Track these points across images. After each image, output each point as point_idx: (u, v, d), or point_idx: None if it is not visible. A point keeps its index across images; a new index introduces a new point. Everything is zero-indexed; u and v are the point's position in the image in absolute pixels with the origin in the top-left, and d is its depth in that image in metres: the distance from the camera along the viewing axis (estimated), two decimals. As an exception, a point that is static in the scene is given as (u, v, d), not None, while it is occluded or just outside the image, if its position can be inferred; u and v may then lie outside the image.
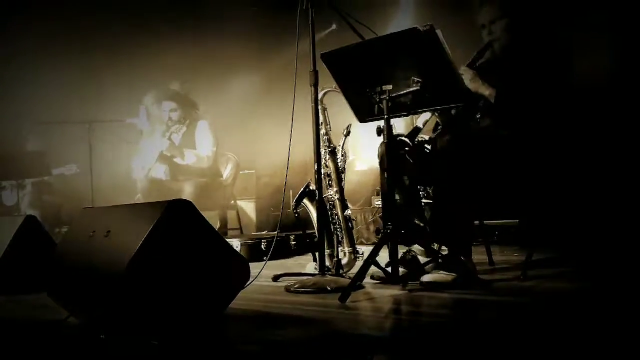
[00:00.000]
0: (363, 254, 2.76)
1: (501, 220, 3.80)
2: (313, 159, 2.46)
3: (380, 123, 2.26)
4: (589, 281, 2.33)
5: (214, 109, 5.08)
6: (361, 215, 4.66)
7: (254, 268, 2.11)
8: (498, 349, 1.42)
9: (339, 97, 2.50)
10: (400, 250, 2.38)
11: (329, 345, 1.54)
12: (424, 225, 2.56)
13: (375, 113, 2.28)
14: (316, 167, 2.46)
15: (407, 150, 2.54)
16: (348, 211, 2.80)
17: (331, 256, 2.72)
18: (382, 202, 2.50)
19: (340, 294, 2.08)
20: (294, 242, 4.12)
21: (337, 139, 2.84)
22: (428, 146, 2.57)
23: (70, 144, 5.32)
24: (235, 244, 3.79)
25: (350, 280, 2.23)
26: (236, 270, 1.88)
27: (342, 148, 2.84)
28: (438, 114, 2.60)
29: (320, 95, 2.65)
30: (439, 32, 2.07)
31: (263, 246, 3.83)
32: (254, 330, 1.77)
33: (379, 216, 4.48)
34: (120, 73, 5.39)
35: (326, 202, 2.75)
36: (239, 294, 1.93)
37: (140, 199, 4.24)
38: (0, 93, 5.07)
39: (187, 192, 4.11)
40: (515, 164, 2.37)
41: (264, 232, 5.05)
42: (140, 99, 5.02)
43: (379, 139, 2.31)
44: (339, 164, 2.80)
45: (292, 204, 2.88)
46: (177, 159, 4.34)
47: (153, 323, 1.67)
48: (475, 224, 2.69)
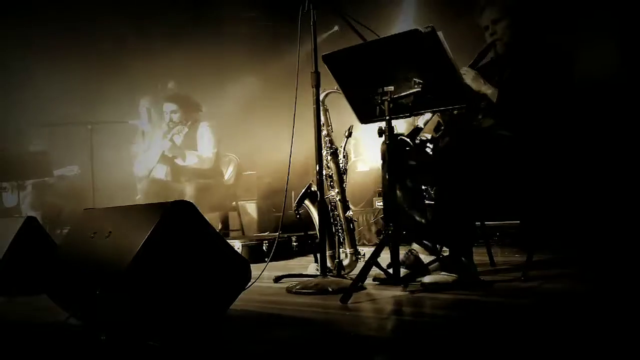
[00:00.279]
0: (364, 255, 2.76)
1: (502, 221, 3.80)
2: (314, 160, 2.46)
3: (382, 124, 2.26)
4: (590, 282, 2.33)
5: (216, 110, 5.09)
6: (363, 216, 4.66)
7: (255, 269, 2.11)
8: (499, 350, 1.42)
9: (341, 99, 2.50)
10: (402, 250, 2.38)
11: (331, 347, 1.54)
12: (425, 226, 2.55)
13: (377, 114, 2.28)
14: (318, 168, 2.46)
15: (409, 151, 2.54)
16: (349, 212, 2.80)
17: (333, 257, 2.72)
18: (384, 203, 2.50)
19: (341, 295, 2.08)
20: (295, 244, 4.12)
21: (339, 140, 2.84)
22: (430, 145, 2.57)
23: (72, 145, 5.33)
24: (237, 245, 3.79)
25: (351, 281, 2.23)
26: (237, 272, 1.88)
27: (344, 149, 2.83)
28: (439, 114, 2.60)
29: (322, 96, 2.65)
30: (440, 34, 2.07)
31: (264, 247, 3.83)
32: (255, 331, 1.77)
33: (381, 217, 4.48)
34: (121, 75, 5.39)
35: (328, 203, 2.75)
36: (241, 295, 1.93)
37: (141, 200, 4.24)
38: (1, 95, 5.08)
39: (189, 193, 4.11)
40: (516, 165, 2.37)
41: (266, 234, 5.05)
42: (141, 101, 5.03)
43: (381, 140, 2.31)
44: (341, 165, 2.80)
45: (294, 205, 2.87)
46: (179, 160, 4.34)
47: (154, 324, 1.67)
48: (476, 224, 2.69)
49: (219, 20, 5.67)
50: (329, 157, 2.77)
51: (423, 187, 2.70)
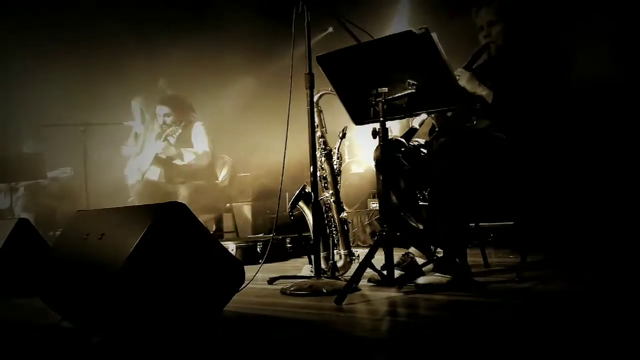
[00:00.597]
0: (359, 256, 2.75)
1: (496, 222, 3.81)
2: (309, 162, 2.46)
3: (376, 125, 2.26)
4: (584, 283, 2.33)
5: (210, 111, 5.08)
6: (357, 217, 4.66)
7: (250, 271, 2.10)
8: (494, 351, 1.42)
9: (335, 100, 2.50)
10: (399, 253, 2.38)
11: (325, 348, 1.54)
12: (420, 227, 2.55)
13: (371, 116, 2.28)
14: (312, 170, 2.46)
15: (403, 153, 2.54)
16: (344, 214, 2.80)
17: (327, 259, 2.71)
18: (379, 205, 2.50)
19: (336, 296, 2.08)
20: (289, 245, 4.11)
21: (333, 141, 2.84)
22: (424, 150, 2.58)
23: (65, 146, 5.30)
24: (231, 247, 3.78)
25: (346, 282, 2.22)
26: (231, 273, 1.88)
27: (338, 150, 2.83)
28: (434, 115, 2.60)
29: (315, 97, 2.65)
30: (434, 35, 2.07)
31: (259, 249, 3.82)
32: (250, 333, 1.76)
33: (375, 219, 4.48)
34: (115, 76, 5.37)
35: (322, 205, 2.75)
36: (235, 297, 1.92)
37: (134, 201, 4.23)
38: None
39: (183, 195, 4.10)
40: (510, 166, 2.38)
41: (260, 235, 5.04)
42: (135, 102, 5.01)
43: (375, 142, 2.31)
44: (335, 166, 2.80)
45: (288, 206, 2.87)
46: (177, 161, 4.32)
47: (147, 326, 1.66)
48: (470, 226, 2.69)
49: (215, 21, 5.66)
50: (323, 159, 2.77)
51: (417, 189, 2.70)
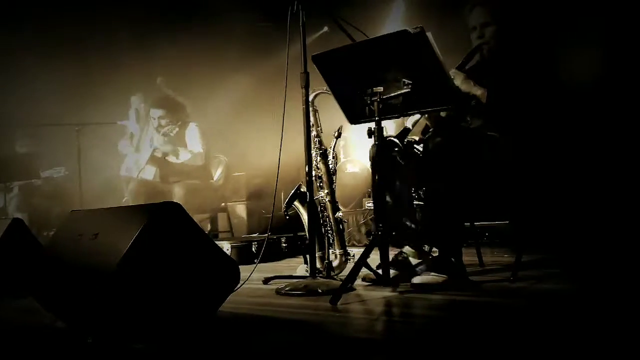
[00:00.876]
0: (354, 256, 2.75)
1: (491, 221, 3.82)
2: (304, 161, 2.45)
3: (371, 125, 2.25)
4: (579, 282, 2.34)
5: (205, 111, 5.06)
6: (353, 217, 4.66)
7: (245, 271, 2.09)
8: (489, 350, 1.42)
9: (330, 99, 2.50)
10: (393, 252, 2.37)
11: (320, 348, 1.53)
12: (415, 226, 2.55)
13: (367, 115, 2.27)
14: (307, 169, 2.46)
15: (398, 152, 2.54)
16: (339, 213, 2.80)
17: (322, 258, 2.71)
18: (374, 204, 2.50)
19: (331, 296, 2.07)
20: (285, 245, 4.11)
21: (328, 141, 2.83)
22: (418, 146, 2.57)
23: (59, 146, 5.27)
24: (226, 246, 3.77)
25: (341, 282, 2.22)
26: (226, 273, 1.87)
27: (333, 150, 2.83)
28: (428, 115, 2.60)
29: (311, 97, 2.65)
30: (429, 35, 2.07)
31: (254, 249, 3.81)
32: (244, 333, 1.75)
33: (370, 218, 4.47)
34: (110, 75, 5.35)
35: (317, 204, 2.75)
36: (230, 297, 1.92)
37: (129, 201, 4.21)
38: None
39: (178, 195, 4.08)
40: (505, 166, 2.38)
41: (255, 235, 5.03)
42: (130, 102, 4.99)
43: (371, 141, 2.31)
44: (330, 165, 2.80)
45: (283, 206, 2.87)
46: (171, 158, 4.30)
47: (142, 326, 1.65)
48: (465, 225, 2.69)
49: (210, 20, 5.65)
50: (319, 158, 2.76)
51: (412, 188, 2.70)
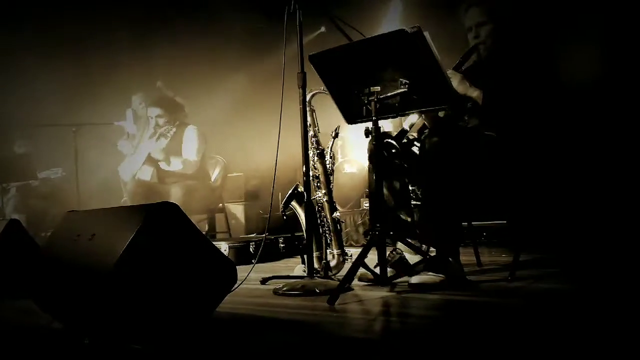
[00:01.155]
0: (352, 256, 2.75)
1: (489, 221, 3.82)
2: (301, 161, 2.45)
3: (369, 125, 2.25)
4: (577, 282, 2.34)
5: (202, 111, 5.06)
6: (350, 217, 4.66)
7: (242, 271, 2.09)
8: (486, 350, 1.42)
9: (328, 99, 2.50)
10: (388, 250, 2.37)
11: (318, 348, 1.53)
12: (411, 220, 2.55)
13: (364, 115, 2.27)
14: (304, 170, 2.45)
15: (396, 152, 2.54)
16: (337, 213, 2.79)
17: (320, 258, 2.71)
18: (370, 204, 2.50)
19: (328, 296, 2.07)
20: (282, 245, 4.10)
21: (326, 141, 2.83)
22: (416, 144, 2.57)
23: (56, 147, 5.26)
24: (224, 247, 3.77)
25: (339, 282, 2.22)
26: (223, 273, 1.86)
27: (331, 150, 2.83)
28: (425, 116, 2.60)
29: (308, 97, 2.64)
30: (426, 34, 2.07)
31: (252, 249, 3.81)
32: (242, 334, 1.75)
33: (368, 218, 4.47)
34: (107, 76, 5.34)
35: (315, 205, 2.74)
36: (227, 297, 1.91)
37: (127, 202, 4.21)
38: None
39: (175, 195, 4.08)
40: (502, 165, 2.38)
41: (253, 235, 5.03)
42: (127, 102, 4.99)
43: (367, 141, 2.31)
44: (328, 166, 2.79)
45: (281, 206, 2.86)
46: (163, 165, 4.31)
47: (138, 327, 1.65)
48: (463, 225, 2.69)
49: (208, 20, 5.65)
50: (316, 158, 2.76)
51: (410, 188, 2.70)
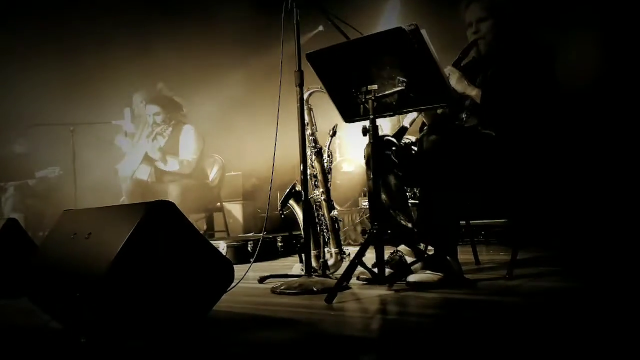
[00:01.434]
0: (350, 254, 2.75)
1: (487, 220, 3.82)
2: (299, 160, 2.44)
3: (366, 123, 2.25)
4: (575, 280, 2.34)
5: (200, 110, 5.06)
6: (349, 216, 4.66)
7: (241, 270, 2.08)
8: (485, 348, 1.41)
9: (325, 98, 2.49)
10: (388, 251, 2.37)
11: (315, 347, 1.53)
12: (411, 225, 2.55)
13: (361, 113, 2.27)
14: (302, 168, 2.45)
15: (394, 151, 2.53)
16: (334, 212, 2.79)
17: (318, 257, 2.70)
18: (369, 203, 2.49)
19: (326, 295, 2.07)
20: (280, 244, 4.10)
21: (324, 139, 2.83)
22: (415, 147, 2.57)
23: (54, 146, 5.26)
24: (222, 246, 3.76)
25: (336, 281, 2.22)
26: (220, 272, 1.86)
27: (328, 148, 2.83)
28: (424, 113, 2.60)
29: (305, 95, 2.64)
30: (423, 32, 2.06)
31: (249, 248, 3.80)
32: (239, 332, 1.75)
33: (366, 217, 4.47)
34: (104, 75, 5.34)
35: (313, 203, 2.74)
36: (225, 296, 1.91)
37: (125, 201, 4.20)
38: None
39: (173, 194, 4.08)
40: (501, 164, 2.38)
41: (251, 234, 5.03)
42: (125, 101, 4.98)
43: (366, 140, 2.31)
44: (325, 164, 2.79)
45: (279, 205, 2.86)
46: (160, 164, 4.31)
47: (135, 326, 1.64)
48: (461, 223, 2.69)
49: (206, 19, 5.64)
50: (314, 157, 2.76)
51: (407, 187, 2.70)
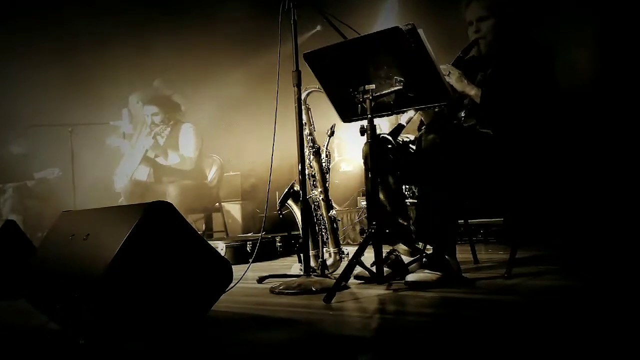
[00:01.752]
0: (348, 254, 2.75)
1: (486, 218, 3.82)
2: (297, 160, 2.44)
3: (364, 123, 2.25)
4: (574, 278, 2.34)
5: (199, 110, 5.06)
6: (347, 216, 4.66)
7: (239, 270, 2.08)
8: (483, 347, 1.42)
9: (323, 97, 2.49)
10: (385, 250, 2.37)
11: (314, 347, 1.53)
12: (407, 224, 2.55)
13: (359, 113, 2.27)
14: (300, 168, 2.45)
15: (392, 150, 2.54)
16: (333, 212, 2.79)
17: (316, 257, 2.71)
18: (367, 202, 2.50)
19: (325, 294, 2.07)
20: (279, 244, 4.10)
21: (322, 139, 2.83)
22: (413, 146, 2.57)
23: (53, 147, 5.26)
24: (221, 246, 3.76)
25: (335, 280, 2.22)
26: (218, 273, 1.86)
27: (326, 148, 2.83)
28: (422, 112, 2.60)
29: (303, 95, 2.64)
30: (420, 31, 2.06)
31: (248, 248, 3.80)
32: (238, 332, 1.75)
33: (365, 216, 4.48)
34: (103, 75, 5.34)
35: (311, 203, 2.74)
36: (224, 296, 1.91)
37: (124, 202, 4.20)
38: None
39: (172, 195, 4.08)
40: (499, 163, 2.38)
41: (250, 234, 5.03)
42: (123, 102, 4.98)
43: (364, 139, 2.31)
44: (324, 164, 2.79)
45: (277, 205, 2.86)
46: (160, 159, 4.30)
47: (134, 327, 1.64)
48: (459, 222, 2.69)
49: (204, 19, 5.64)
50: (312, 157, 2.76)
51: (406, 186, 2.70)
